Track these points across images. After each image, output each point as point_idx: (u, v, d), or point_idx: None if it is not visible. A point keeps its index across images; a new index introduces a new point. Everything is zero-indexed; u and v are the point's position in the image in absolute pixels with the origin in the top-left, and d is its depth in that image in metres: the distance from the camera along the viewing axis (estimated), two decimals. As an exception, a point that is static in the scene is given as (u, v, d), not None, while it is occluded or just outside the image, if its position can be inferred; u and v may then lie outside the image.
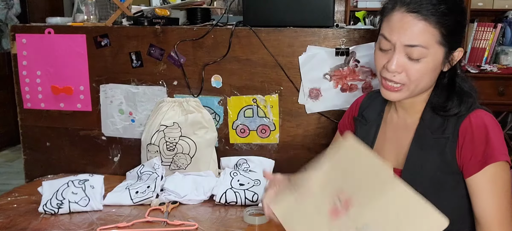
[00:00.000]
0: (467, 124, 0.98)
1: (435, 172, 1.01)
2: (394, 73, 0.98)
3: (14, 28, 1.65)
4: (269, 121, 1.60)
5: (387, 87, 1.01)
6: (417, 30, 0.94)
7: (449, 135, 0.99)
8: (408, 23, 0.94)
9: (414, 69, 0.96)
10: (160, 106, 1.59)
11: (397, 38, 0.96)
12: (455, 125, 0.99)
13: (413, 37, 0.94)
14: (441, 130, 1.01)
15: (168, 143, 1.57)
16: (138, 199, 1.41)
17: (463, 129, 0.98)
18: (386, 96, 1.03)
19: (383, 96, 1.05)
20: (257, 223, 1.27)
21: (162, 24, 1.60)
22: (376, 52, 1.04)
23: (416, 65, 0.96)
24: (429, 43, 0.94)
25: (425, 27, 0.94)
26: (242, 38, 1.54)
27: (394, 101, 1.06)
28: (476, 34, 2.99)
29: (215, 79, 1.60)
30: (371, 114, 1.20)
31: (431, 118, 1.03)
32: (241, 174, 1.48)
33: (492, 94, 2.70)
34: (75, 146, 1.71)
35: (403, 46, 0.95)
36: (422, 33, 0.94)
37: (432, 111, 1.04)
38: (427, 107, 1.05)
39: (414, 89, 1.00)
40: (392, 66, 0.97)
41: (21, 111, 1.71)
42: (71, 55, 1.63)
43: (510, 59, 2.86)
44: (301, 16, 1.51)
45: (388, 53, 0.99)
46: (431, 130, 1.03)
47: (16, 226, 1.26)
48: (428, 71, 0.97)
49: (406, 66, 0.96)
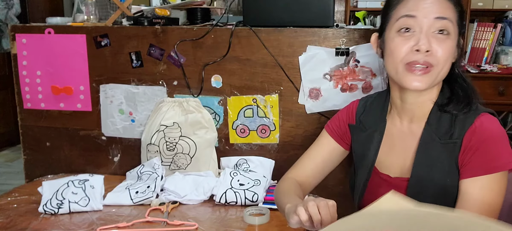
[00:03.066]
0: (472, 131, 0.95)
1: (445, 179, 0.96)
2: (425, 53, 0.92)
3: (14, 28, 1.65)
4: (269, 121, 1.60)
5: (414, 71, 0.94)
6: (442, 4, 0.93)
7: (457, 140, 0.95)
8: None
9: (442, 48, 0.92)
10: (160, 106, 1.59)
11: (426, 12, 0.92)
12: (461, 130, 0.96)
13: (441, 9, 0.92)
14: (449, 134, 0.97)
15: (168, 143, 1.57)
16: (138, 199, 1.41)
17: (468, 135, 0.95)
18: (411, 84, 0.95)
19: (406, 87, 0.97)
20: (257, 223, 1.27)
21: (162, 24, 1.60)
22: (394, 40, 0.97)
23: (443, 43, 0.93)
24: (453, 18, 0.94)
25: (447, 3, 0.94)
26: (242, 38, 1.54)
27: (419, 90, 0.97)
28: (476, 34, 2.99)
29: (215, 79, 1.60)
30: (369, 121, 1.15)
31: (438, 121, 0.99)
32: (241, 174, 1.48)
33: (492, 94, 2.70)
34: (75, 146, 1.72)
35: (433, 19, 0.92)
36: (446, 7, 0.93)
37: (439, 112, 1.00)
38: (434, 108, 1.01)
39: (439, 73, 0.95)
40: (424, 45, 0.92)
41: (21, 111, 1.71)
42: (71, 55, 1.63)
43: (510, 59, 2.86)
44: (301, 16, 1.51)
45: (413, 35, 0.94)
46: (439, 135, 0.98)
47: (16, 226, 1.26)
48: (452, 51, 0.95)
49: (434, 45, 0.93)
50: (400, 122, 1.08)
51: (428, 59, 0.93)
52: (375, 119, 1.14)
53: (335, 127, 1.25)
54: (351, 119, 1.22)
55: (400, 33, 0.96)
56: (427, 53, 0.93)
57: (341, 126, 1.24)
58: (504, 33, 3.00)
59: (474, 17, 3.61)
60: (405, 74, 0.96)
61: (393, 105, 1.11)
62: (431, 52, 0.93)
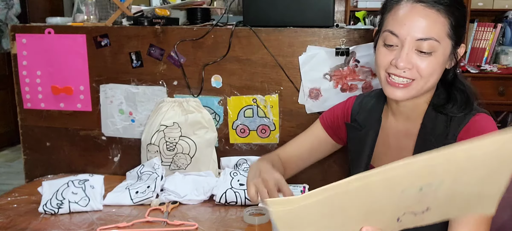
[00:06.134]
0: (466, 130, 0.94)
1: None
2: (404, 69, 0.92)
3: (14, 28, 1.65)
4: (269, 121, 1.60)
5: (393, 84, 0.94)
6: (429, 21, 0.89)
7: (451, 140, 0.95)
8: (418, 14, 0.90)
9: (425, 64, 0.91)
10: (160, 106, 1.59)
11: (407, 32, 0.90)
12: (455, 130, 0.96)
13: (424, 29, 0.89)
14: (444, 135, 0.96)
15: (168, 143, 1.57)
16: (138, 199, 1.41)
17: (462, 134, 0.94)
18: (391, 94, 0.96)
19: (387, 96, 0.98)
20: (257, 223, 1.27)
21: (162, 24, 1.60)
22: (379, 49, 0.98)
23: (426, 60, 0.91)
24: (440, 35, 0.90)
25: (436, 17, 0.90)
26: (242, 38, 1.54)
27: (399, 101, 0.98)
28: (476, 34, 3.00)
29: (215, 79, 1.60)
30: (364, 119, 1.15)
31: (433, 123, 0.99)
32: (241, 174, 1.48)
33: (492, 94, 2.70)
34: (75, 146, 1.72)
35: (414, 40, 0.90)
36: (433, 24, 0.90)
37: (435, 113, 0.99)
38: (429, 109, 1.01)
39: (423, 86, 0.94)
40: (402, 64, 0.91)
41: (21, 111, 1.71)
42: (71, 55, 1.63)
43: (510, 59, 2.86)
44: (301, 16, 1.51)
45: (395, 49, 0.94)
46: (434, 136, 0.98)
47: (16, 226, 1.26)
48: (438, 66, 0.93)
49: (416, 61, 0.91)
50: (395, 121, 1.08)
51: (407, 74, 0.93)
52: (370, 117, 1.14)
53: (329, 120, 1.26)
54: (347, 117, 1.22)
55: (385, 46, 0.97)
56: (406, 69, 0.93)
57: (335, 120, 1.25)
58: (504, 33, 3.00)
59: (474, 17, 3.61)
60: (386, 84, 0.97)
61: (388, 106, 1.11)
62: (411, 68, 0.92)
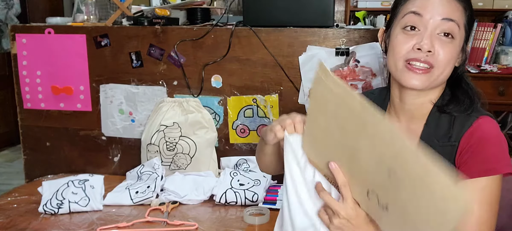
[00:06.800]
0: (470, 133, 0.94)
1: None
2: (426, 53, 0.91)
3: (14, 28, 1.65)
4: (269, 121, 1.60)
5: (412, 69, 0.93)
6: (451, 5, 0.92)
7: (455, 142, 0.95)
8: None
9: (445, 50, 0.91)
10: (160, 106, 1.59)
11: (433, 12, 0.91)
12: (459, 132, 0.95)
13: (450, 10, 0.91)
14: (447, 136, 0.96)
15: (168, 143, 1.57)
16: (138, 199, 1.41)
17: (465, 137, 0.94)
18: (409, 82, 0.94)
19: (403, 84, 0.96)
20: (257, 223, 1.27)
21: (162, 24, 1.60)
22: (397, 38, 0.97)
23: (447, 46, 0.92)
24: (460, 21, 0.92)
25: (456, 5, 0.92)
26: (242, 38, 1.54)
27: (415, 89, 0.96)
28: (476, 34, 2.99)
29: (215, 79, 1.60)
30: None
31: (437, 123, 0.99)
32: (241, 174, 1.48)
33: (492, 94, 2.69)
34: (75, 146, 1.71)
35: (439, 20, 0.91)
36: (455, 9, 0.92)
37: (439, 113, 0.99)
38: (433, 109, 1.00)
39: (438, 76, 0.94)
40: (426, 45, 0.91)
41: (21, 111, 1.71)
42: (71, 55, 1.63)
43: (510, 59, 2.86)
44: (301, 16, 1.51)
45: (417, 34, 0.93)
46: (437, 137, 0.98)
47: (16, 226, 1.26)
48: (455, 55, 0.94)
49: (437, 47, 0.92)
50: (398, 122, 1.08)
51: (429, 59, 0.93)
52: None
53: None
54: None
55: (404, 31, 0.96)
56: (428, 53, 0.92)
57: None
58: (504, 33, 3.00)
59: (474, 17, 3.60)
60: (404, 71, 0.96)
61: (391, 105, 1.10)
62: (433, 53, 0.92)
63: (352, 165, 0.79)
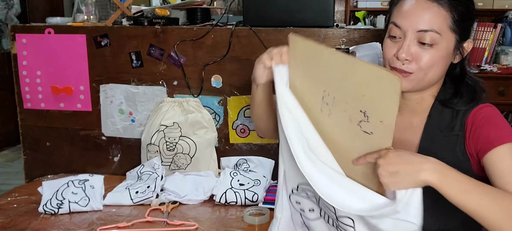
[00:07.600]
0: (472, 116, 0.97)
1: None
2: (403, 61, 0.95)
3: (14, 28, 1.65)
4: (269, 121, 1.60)
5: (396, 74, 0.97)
6: (431, 14, 0.92)
7: (459, 132, 0.97)
8: (421, 7, 0.93)
9: (426, 56, 0.94)
10: (160, 106, 1.59)
11: (409, 24, 0.94)
12: (461, 121, 0.98)
13: (426, 21, 0.92)
14: (450, 127, 0.98)
15: (168, 143, 1.57)
16: (138, 199, 1.41)
17: (469, 121, 0.97)
18: None
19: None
20: (257, 223, 1.27)
21: (162, 24, 1.60)
22: (385, 42, 1.01)
23: (428, 52, 0.94)
24: (441, 28, 0.93)
25: (438, 11, 0.93)
26: (242, 38, 1.54)
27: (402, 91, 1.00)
28: (476, 34, 2.99)
29: (215, 79, 1.60)
30: None
31: (440, 115, 1.01)
32: (241, 174, 1.48)
33: (492, 94, 2.70)
34: (75, 146, 1.71)
35: (415, 32, 0.93)
36: (435, 17, 0.92)
37: (441, 106, 1.01)
38: (435, 102, 1.02)
39: (423, 78, 0.97)
40: (403, 54, 0.94)
41: (21, 111, 1.71)
42: (71, 55, 1.63)
43: (510, 59, 2.86)
44: (301, 16, 1.51)
45: (399, 42, 0.97)
46: (440, 128, 1.00)
47: (16, 226, 1.26)
48: (439, 59, 0.95)
49: (417, 54, 0.94)
50: (400, 116, 1.08)
51: (405, 67, 0.96)
52: None
53: None
54: None
55: (390, 38, 1.00)
56: (405, 62, 0.96)
57: None
58: (504, 33, 3.00)
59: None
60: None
61: None
62: (411, 61, 0.95)
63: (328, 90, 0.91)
